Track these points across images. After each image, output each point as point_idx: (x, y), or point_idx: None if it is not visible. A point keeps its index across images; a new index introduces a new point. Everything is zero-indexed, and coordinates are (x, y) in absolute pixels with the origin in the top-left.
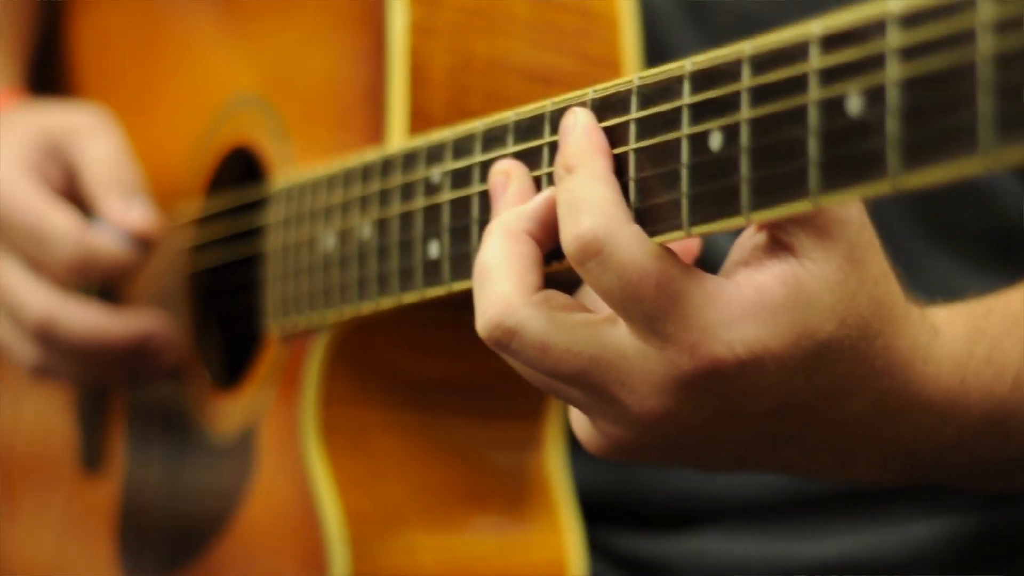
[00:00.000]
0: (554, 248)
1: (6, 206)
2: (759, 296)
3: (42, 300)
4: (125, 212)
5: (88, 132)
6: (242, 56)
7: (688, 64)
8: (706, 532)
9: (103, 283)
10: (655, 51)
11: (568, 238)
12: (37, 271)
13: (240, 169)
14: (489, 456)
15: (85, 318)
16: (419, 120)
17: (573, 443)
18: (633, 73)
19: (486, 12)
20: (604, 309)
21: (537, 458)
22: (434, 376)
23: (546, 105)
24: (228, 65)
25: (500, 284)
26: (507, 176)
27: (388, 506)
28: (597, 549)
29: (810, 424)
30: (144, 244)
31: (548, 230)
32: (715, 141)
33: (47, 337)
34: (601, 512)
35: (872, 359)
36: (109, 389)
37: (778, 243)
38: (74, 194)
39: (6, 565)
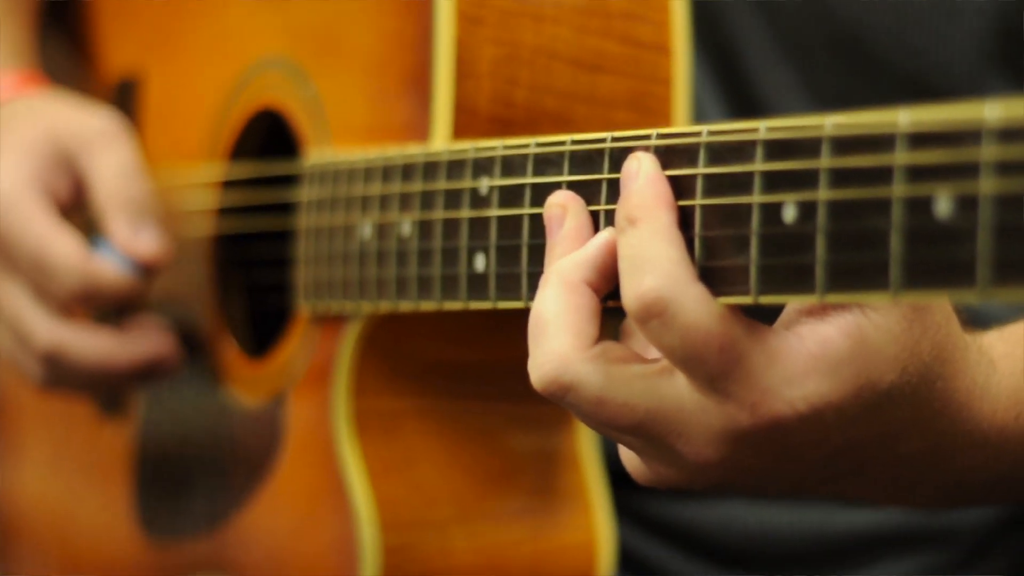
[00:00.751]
0: (611, 290)
1: (11, 229)
2: (822, 350)
3: (48, 330)
4: (132, 238)
5: (100, 142)
6: (275, 15)
7: (762, 128)
8: (738, 497)
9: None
10: (717, 39)
11: (629, 296)
12: (43, 297)
13: (267, 130)
14: (520, 439)
15: (94, 346)
16: (463, 113)
17: None
18: (684, 55)
19: None
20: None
21: (568, 438)
22: (464, 362)
23: (606, 139)
24: (259, 22)
25: (556, 339)
26: (564, 210)
27: (419, 492)
28: (627, 514)
29: (864, 464)
30: (150, 272)
31: (606, 276)
32: (789, 214)
33: (55, 364)
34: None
35: (931, 402)
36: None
37: None
38: (82, 205)
39: (17, 503)
